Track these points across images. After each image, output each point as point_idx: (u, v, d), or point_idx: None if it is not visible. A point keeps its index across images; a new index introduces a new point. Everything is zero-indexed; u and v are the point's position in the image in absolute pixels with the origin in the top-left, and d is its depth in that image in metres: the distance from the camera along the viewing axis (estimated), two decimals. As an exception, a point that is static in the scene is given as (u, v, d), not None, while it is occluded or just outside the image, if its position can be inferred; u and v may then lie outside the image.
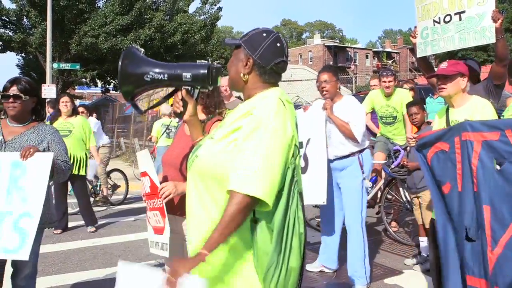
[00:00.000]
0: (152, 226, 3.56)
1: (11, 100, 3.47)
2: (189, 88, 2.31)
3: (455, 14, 4.80)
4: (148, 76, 2.21)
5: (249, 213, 1.87)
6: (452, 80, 3.77)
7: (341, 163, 4.93)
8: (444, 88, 3.81)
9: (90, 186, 9.29)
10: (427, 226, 5.46)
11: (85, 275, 5.40)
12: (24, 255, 3.14)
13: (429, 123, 6.52)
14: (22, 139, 3.50)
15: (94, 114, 11.99)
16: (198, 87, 2.33)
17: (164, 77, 2.23)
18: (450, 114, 3.85)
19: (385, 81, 6.85)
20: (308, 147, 4.84)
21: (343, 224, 5.18)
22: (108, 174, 10.08)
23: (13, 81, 3.54)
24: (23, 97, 3.49)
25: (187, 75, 2.23)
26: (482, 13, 4.56)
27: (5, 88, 3.52)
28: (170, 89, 2.50)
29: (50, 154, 3.36)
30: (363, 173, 4.88)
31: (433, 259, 3.87)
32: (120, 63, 2.21)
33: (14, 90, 3.48)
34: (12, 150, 3.42)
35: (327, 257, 5.32)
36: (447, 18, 4.87)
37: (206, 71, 2.24)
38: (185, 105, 2.36)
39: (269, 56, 2.09)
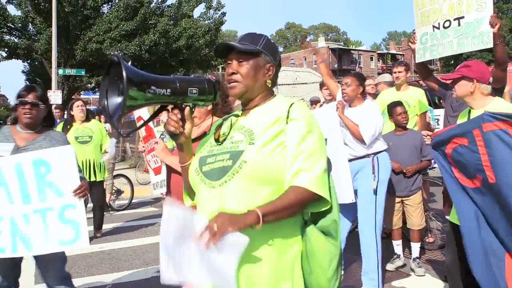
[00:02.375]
0: (153, 169, 3.80)
1: (28, 107, 3.51)
2: (191, 105, 2.03)
3: (454, 19, 4.82)
4: (150, 91, 1.86)
5: (302, 209, 1.95)
6: (456, 83, 3.82)
7: (357, 164, 4.90)
8: (454, 91, 3.89)
9: None
10: (414, 227, 5.50)
11: (92, 280, 5.40)
12: (84, 243, 3.36)
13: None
14: (35, 145, 3.54)
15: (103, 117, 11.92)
16: (200, 104, 2.09)
17: (166, 92, 1.91)
18: (471, 116, 3.81)
19: (395, 72, 6.74)
20: (326, 148, 4.82)
21: (352, 228, 5.17)
22: (113, 179, 10.12)
23: (30, 89, 3.58)
24: (41, 105, 3.55)
25: (193, 90, 1.99)
26: (480, 18, 4.58)
27: (21, 95, 3.54)
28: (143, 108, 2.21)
29: (69, 146, 3.45)
30: (373, 173, 4.82)
31: (450, 262, 3.84)
32: (124, 75, 1.77)
33: (31, 97, 3.52)
34: None
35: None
36: (447, 24, 4.89)
37: (212, 87, 2.05)
38: (183, 125, 2.05)
39: (280, 64, 2.20)
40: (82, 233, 3.32)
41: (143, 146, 3.92)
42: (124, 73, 1.77)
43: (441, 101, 8.78)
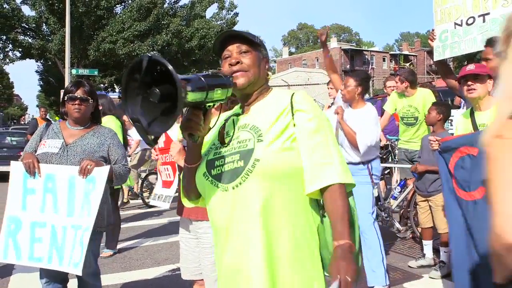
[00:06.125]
0: (162, 180, 3.71)
1: (77, 102, 3.50)
2: (212, 104, 1.88)
3: (479, 16, 4.75)
4: (187, 93, 1.65)
5: None
6: (482, 81, 3.71)
7: (351, 168, 4.92)
8: (474, 90, 3.75)
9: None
10: (440, 231, 5.47)
11: (104, 279, 5.40)
12: (79, 271, 3.23)
13: None
14: (83, 142, 3.52)
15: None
16: (218, 102, 1.91)
17: (199, 93, 1.74)
18: (476, 117, 3.76)
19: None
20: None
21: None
22: (146, 176, 10.56)
23: (78, 84, 3.58)
24: (90, 100, 3.54)
25: (218, 90, 1.83)
26: (506, 14, 4.51)
27: (70, 91, 3.54)
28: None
29: (107, 168, 3.38)
30: (372, 181, 4.90)
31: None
32: (177, 78, 1.53)
33: (80, 93, 3.51)
34: (74, 154, 3.45)
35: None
36: (470, 21, 4.81)
37: (232, 85, 1.94)
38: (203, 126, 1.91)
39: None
40: (83, 259, 3.22)
41: (157, 154, 3.84)
42: (175, 76, 1.53)
43: (454, 102, 8.72)
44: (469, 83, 3.76)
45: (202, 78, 1.79)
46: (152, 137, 1.70)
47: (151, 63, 1.63)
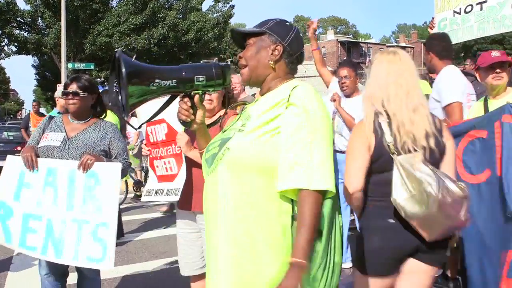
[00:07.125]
0: (158, 175, 3.62)
1: (70, 96, 3.53)
2: (200, 92, 2.02)
3: (477, 4, 4.75)
4: (154, 84, 1.87)
5: (320, 210, 1.83)
6: (506, 69, 3.72)
7: None
8: (502, 77, 3.73)
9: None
10: None
11: (102, 272, 5.37)
12: (109, 264, 3.24)
13: None
14: (85, 136, 3.54)
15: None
16: (210, 90, 2.06)
17: (172, 83, 1.91)
18: (490, 105, 3.74)
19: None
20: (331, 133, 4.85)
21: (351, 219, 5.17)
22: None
23: (73, 79, 3.61)
24: (81, 93, 3.53)
25: (200, 77, 1.95)
26: (503, 1, 4.50)
27: (65, 86, 3.59)
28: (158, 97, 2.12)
29: (118, 164, 3.38)
30: None
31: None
32: (124, 74, 1.80)
33: (73, 87, 3.53)
34: (75, 147, 3.47)
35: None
36: (468, 8, 4.82)
37: (221, 72, 2.01)
38: (194, 113, 2.07)
39: (296, 44, 2.07)
40: (108, 255, 3.22)
41: (148, 150, 3.73)
42: (123, 70, 1.77)
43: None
44: (498, 70, 3.73)
45: (182, 70, 1.96)
46: (125, 109, 1.91)
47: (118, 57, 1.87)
